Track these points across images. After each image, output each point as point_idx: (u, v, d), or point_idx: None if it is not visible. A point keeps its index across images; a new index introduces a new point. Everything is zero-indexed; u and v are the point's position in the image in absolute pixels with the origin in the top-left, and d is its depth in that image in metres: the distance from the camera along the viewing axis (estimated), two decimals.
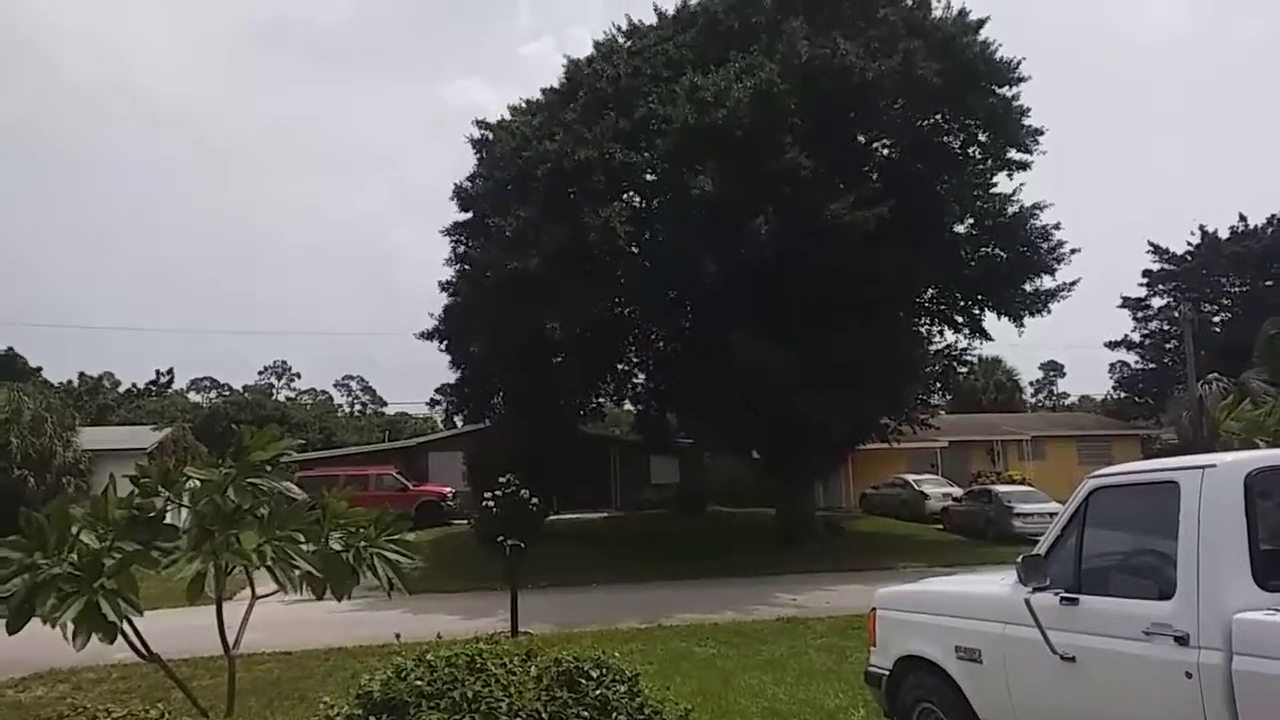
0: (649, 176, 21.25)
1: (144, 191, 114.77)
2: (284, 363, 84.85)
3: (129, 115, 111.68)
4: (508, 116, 24.39)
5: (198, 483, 5.09)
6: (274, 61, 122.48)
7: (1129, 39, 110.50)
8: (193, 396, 74.61)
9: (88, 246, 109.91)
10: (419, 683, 3.85)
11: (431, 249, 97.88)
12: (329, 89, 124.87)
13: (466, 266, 23.82)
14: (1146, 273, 45.83)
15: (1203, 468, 3.96)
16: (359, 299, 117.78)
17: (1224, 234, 44.18)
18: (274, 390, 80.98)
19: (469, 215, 24.08)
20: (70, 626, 4.25)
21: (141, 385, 66.67)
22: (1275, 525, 4.04)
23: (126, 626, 4.62)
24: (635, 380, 27.15)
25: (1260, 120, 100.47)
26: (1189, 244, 44.97)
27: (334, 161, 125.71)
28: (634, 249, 19.63)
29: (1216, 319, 43.70)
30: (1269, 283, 41.64)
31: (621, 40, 24.13)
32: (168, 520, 5.03)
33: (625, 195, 21.22)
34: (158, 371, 68.57)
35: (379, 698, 3.82)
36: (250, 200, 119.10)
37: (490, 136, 23.97)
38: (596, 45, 24.09)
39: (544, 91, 24.30)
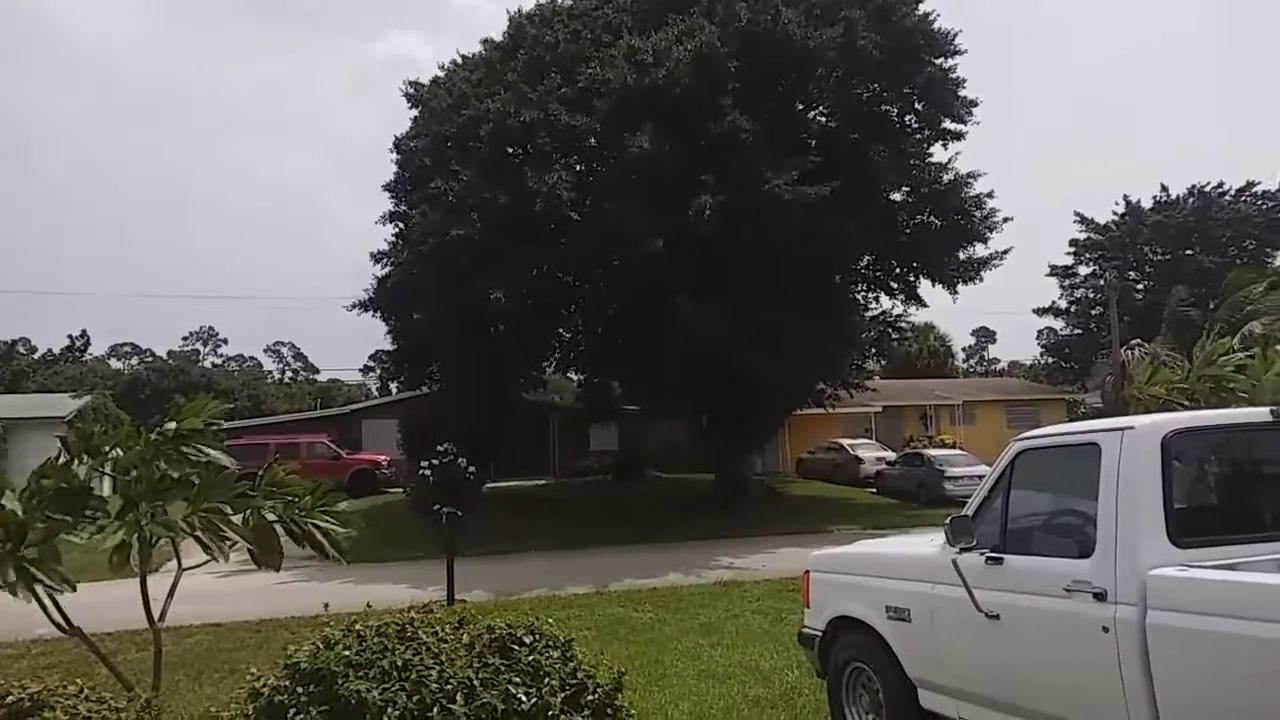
0: (591, 142, 21.00)
1: (61, 143, 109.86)
2: (210, 328, 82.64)
3: (43, 56, 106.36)
4: (441, 75, 23.87)
5: (121, 451, 4.90)
6: (201, 11, 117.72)
7: (1054, 10, 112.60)
8: (114, 363, 72.24)
9: None
10: (347, 653, 3.78)
11: (366, 212, 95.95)
12: (258, 40, 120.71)
13: (404, 226, 23.32)
14: (1073, 241, 47.06)
15: (1122, 430, 4.05)
16: (289, 263, 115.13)
17: (1147, 204, 45.53)
18: (200, 356, 78.84)
19: (408, 172, 23.55)
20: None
21: (57, 351, 64.12)
22: (1190, 485, 4.19)
23: (47, 600, 4.47)
24: (579, 347, 27.04)
25: (1181, 92, 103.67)
26: (1114, 214, 46.29)
27: (263, 119, 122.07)
28: (576, 216, 19.45)
29: (1140, 286, 45.10)
30: (1189, 251, 43.08)
31: (562, 1, 23.70)
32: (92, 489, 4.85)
33: (568, 160, 20.92)
34: (71, 337, 65.93)
35: (306, 668, 3.74)
36: (172, 156, 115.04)
37: (426, 93, 23.41)
38: (539, 7, 23.69)
39: (484, 43, 23.92)
